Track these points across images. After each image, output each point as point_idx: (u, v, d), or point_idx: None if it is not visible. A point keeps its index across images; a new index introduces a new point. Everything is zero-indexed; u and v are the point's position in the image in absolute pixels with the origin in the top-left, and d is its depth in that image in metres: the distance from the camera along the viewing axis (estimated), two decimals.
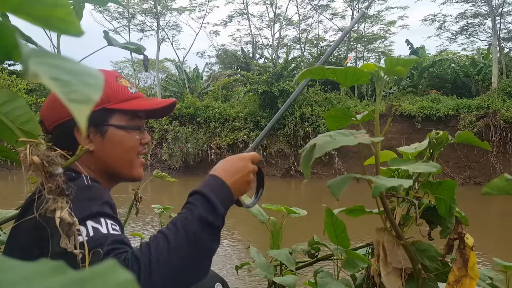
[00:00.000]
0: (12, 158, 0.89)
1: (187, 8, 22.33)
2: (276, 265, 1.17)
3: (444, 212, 0.82)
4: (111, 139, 0.85)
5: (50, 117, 0.85)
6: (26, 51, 0.30)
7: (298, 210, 1.27)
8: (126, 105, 0.86)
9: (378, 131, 0.80)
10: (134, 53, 1.09)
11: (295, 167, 15.33)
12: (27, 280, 0.19)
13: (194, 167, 16.16)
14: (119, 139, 0.86)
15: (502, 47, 17.29)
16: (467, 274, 0.78)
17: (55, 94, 0.94)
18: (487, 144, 0.90)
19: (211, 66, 26.34)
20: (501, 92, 14.23)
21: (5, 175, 16.27)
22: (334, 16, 22.43)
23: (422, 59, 18.67)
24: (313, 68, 0.75)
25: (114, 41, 1.15)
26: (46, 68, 0.29)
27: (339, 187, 0.65)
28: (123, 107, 0.86)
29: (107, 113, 0.85)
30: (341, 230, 0.96)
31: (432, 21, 20.31)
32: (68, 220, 0.51)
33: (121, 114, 0.86)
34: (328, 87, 18.03)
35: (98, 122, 0.84)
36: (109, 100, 0.84)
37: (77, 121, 0.27)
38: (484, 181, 12.98)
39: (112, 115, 0.85)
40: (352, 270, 1.00)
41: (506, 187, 0.69)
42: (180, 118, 16.61)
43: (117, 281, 0.19)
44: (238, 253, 5.65)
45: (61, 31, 0.35)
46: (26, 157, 0.53)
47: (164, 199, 9.70)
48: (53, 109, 0.85)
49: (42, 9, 0.33)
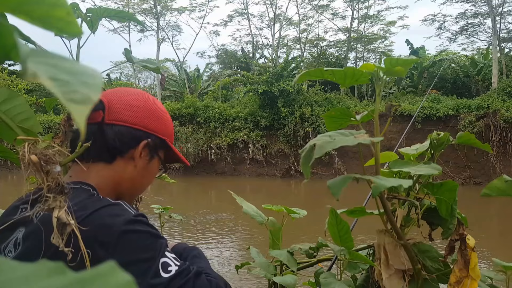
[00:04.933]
0: (12, 158, 0.88)
1: (187, 8, 22.35)
2: (276, 265, 1.17)
3: (445, 213, 0.82)
4: (151, 167, 0.89)
5: (126, 115, 0.83)
6: (25, 51, 0.30)
7: (298, 211, 1.27)
8: (174, 148, 0.93)
9: (378, 131, 0.80)
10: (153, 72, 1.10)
11: (295, 167, 15.34)
12: (26, 280, 0.19)
13: (194, 167, 16.17)
14: (153, 170, 0.90)
15: (502, 47, 17.30)
16: (469, 275, 0.78)
17: (148, 100, 0.88)
18: (488, 146, 0.90)
19: (211, 66, 26.37)
20: (501, 92, 14.24)
21: (5, 175, 16.27)
22: (334, 16, 22.43)
23: (422, 59, 18.69)
24: (312, 70, 0.75)
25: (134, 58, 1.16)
26: (45, 68, 0.29)
27: (339, 187, 0.65)
28: (174, 149, 0.93)
29: (163, 145, 0.90)
30: (345, 231, 0.95)
31: (432, 21, 20.34)
32: (64, 220, 0.51)
33: (168, 152, 0.93)
34: (328, 87, 18.04)
35: (154, 148, 0.87)
36: (168, 136, 0.91)
37: (76, 121, 0.27)
38: (484, 181, 13.00)
39: (163, 149, 0.91)
40: (353, 271, 1.00)
41: (506, 188, 0.69)
42: (180, 118, 16.62)
43: (117, 283, 0.19)
44: (238, 253, 5.65)
45: (60, 31, 0.35)
46: (25, 155, 0.53)
47: (164, 199, 9.70)
48: (139, 114, 0.85)
49: (42, 9, 0.33)
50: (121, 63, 1.63)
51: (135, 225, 0.70)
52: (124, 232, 0.68)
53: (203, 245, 6.05)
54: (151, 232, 0.72)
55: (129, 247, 0.68)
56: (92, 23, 1.11)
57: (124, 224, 0.69)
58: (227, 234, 6.74)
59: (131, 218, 0.71)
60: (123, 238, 0.68)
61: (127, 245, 0.68)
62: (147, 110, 0.86)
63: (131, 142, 0.83)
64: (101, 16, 1.12)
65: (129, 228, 0.69)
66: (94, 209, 0.70)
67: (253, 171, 16.00)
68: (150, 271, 0.68)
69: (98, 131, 0.80)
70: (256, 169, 16.01)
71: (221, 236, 6.62)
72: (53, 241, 0.52)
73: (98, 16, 1.10)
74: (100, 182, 0.80)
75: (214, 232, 6.87)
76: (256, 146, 15.77)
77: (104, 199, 0.74)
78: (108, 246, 0.66)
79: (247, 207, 1.23)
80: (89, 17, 1.11)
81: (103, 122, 0.81)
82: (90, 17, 1.10)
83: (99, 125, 0.81)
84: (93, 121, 0.81)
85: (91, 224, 0.67)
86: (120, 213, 0.71)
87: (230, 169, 16.19)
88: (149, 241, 0.71)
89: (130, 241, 0.68)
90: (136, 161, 0.85)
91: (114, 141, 0.81)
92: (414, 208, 0.88)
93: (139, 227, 0.71)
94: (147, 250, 0.69)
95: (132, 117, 0.83)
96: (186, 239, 6.34)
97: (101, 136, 0.80)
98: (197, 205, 9.78)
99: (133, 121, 0.83)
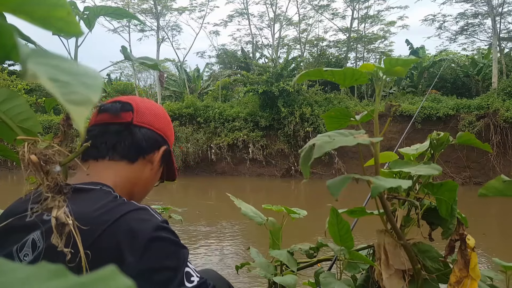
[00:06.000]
0: (12, 158, 0.88)
1: (187, 8, 22.34)
2: (276, 265, 1.17)
3: (445, 213, 0.82)
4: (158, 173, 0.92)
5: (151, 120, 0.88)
6: (25, 51, 0.30)
7: (298, 211, 1.27)
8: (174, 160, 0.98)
9: (378, 131, 0.79)
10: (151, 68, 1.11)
11: (295, 167, 15.33)
12: (26, 282, 0.19)
13: (194, 167, 16.16)
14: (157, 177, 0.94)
15: (502, 47, 17.29)
16: (469, 275, 0.78)
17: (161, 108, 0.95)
18: (488, 146, 0.90)
19: (211, 66, 26.36)
20: (501, 92, 14.23)
21: (5, 175, 16.27)
22: (334, 16, 22.43)
23: (422, 59, 18.68)
24: (311, 70, 0.75)
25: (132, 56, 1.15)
26: (44, 68, 0.29)
27: (338, 187, 0.65)
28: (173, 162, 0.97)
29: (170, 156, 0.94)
30: (346, 230, 0.95)
31: (432, 21, 20.33)
32: (62, 220, 0.51)
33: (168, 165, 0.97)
34: (328, 87, 18.04)
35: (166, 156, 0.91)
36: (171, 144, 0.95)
37: (75, 122, 0.27)
38: (484, 181, 12.93)
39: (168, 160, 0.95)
40: (353, 271, 1.00)
41: (503, 188, 0.69)
42: (180, 118, 16.61)
43: (118, 286, 0.19)
44: (238, 254, 5.65)
45: (60, 31, 0.35)
46: (24, 155, 0.52)
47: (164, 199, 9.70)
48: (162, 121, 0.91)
49: (42, 9, 0.32)
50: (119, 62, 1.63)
51: (162, 232, 0.70)
52: (152, 239, 0.68)
53: (203, 245, 6.05)
54: (176, 241, 0.72)
55: (156, 254, 0.68)
56: (89, 21, 1.11)
57: (153, 230, 0.69)
58: (227, 234, 6.74)
59: (158, 224, 0.71)
60: (151, 245, 0.67)
61: (154, 252, 0.67)
62: (166, 119, 0.92)
63: (155, 146, 0.88)
64: (99, 14, 1.11)
65: (157, 234, 0.69)
66: (122, 213, 0.69)
67: (253, 171, 16.00)
68: (175, 279, 0.68)
69: (126, 130, 0.84)
70: (256, 169, 16.01)
71: (221, 236, 6.62)
72: (53, 241, 0.52)
73: (95, 14, 1.10)
74: (117, 182, 0.81)
75: (214, 232, 6.87)
76: (256, 146, 15.76)
77: (130, 203, 0.74)
78: (135, 252, 0.66)
79: (246, 208, 1.23)
80: (86, 15, 1.11)
81: (132, 123, 0.84)
82: (87, 15, 1.10)
83: (128, 125, 0.84)
84: (123, 121, 0.84)
85: (119, 228, 0.67)
86: (147, 218, 0.71)
87: (230, 169, 16.19)
88: (175, 249, 0.71)
89: (157, 248, 0.68)
90: (154, 165, 0.89)
91: (141, 142, 0.85)
92: (414, 208, 0.88)
93: (166, 234, 0.71)
94: (173, 259, 0.70)
95: (156, 122, 0.88)
96: (186, 239, 6.34)
97: (130, 136, 0.84)
98: (197, 205, 9.79)
99: (157, 126, 0.88)
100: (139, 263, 0.65)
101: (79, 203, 0.70)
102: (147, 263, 0.66)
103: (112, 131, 0.83)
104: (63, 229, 0.51)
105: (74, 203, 0.69)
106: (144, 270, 0.65)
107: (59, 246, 0.52)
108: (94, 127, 0.84)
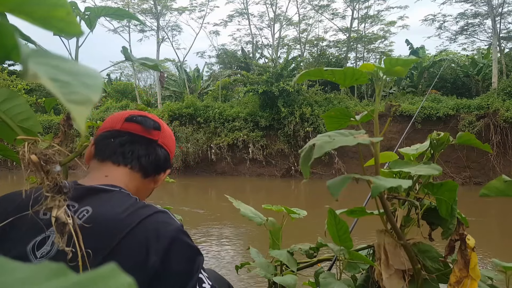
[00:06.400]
0: (13, 157, 0.88)
1: (187, 8, 22.34)
2: (276, 265, 1.17)
3: (445, 213, 0.82)
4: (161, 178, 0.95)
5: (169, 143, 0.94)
6: (25, 51, 0.30)
7: (298, 211, 1.27)
8: None
9: (378, 131, 0.80)
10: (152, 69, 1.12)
11: (295, 167, 15.33)
12: (27, 282, 0.19)
13: (194, 167, 16.16)
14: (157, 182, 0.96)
15: (502, 47, 17.29)
16: (469, 275, 0.78)
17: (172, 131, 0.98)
18: (488, 146, 0.90)
19: (211, 66, 26.36)
20: (501, 92, 14.22)
21: (5, 175, 16.27)
22: (334, 16, 22.42)
23: (422, 59, 18.68)
24: (311, 70, 0.75)
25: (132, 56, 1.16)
26: (45, 68, 0.29)
27: (338, 187, 0.65)
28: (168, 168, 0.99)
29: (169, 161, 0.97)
30: (344, 230, 0.95)
31: (432, 21, 20.32)
32: (63, 220, 0.51)
33: None
34: (328, 87, 18.04)
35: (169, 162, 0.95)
36: None
37: (76, 122, 0.27)
38: (484, 181, 12.98)
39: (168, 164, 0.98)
40: (353, 271, 1.00)
41: (505, 188, 0.69)
42: (180, 118, 16.60)
43: (118, 285, 0.19)
44: (238, 254, 5.65)
45: (60, 31, 0.35)
46: (25, 155, 0.53)
47: (164, 199, 9.70)
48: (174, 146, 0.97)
49: (42, 10, 0.32)
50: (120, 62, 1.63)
51: (183, 235, 0.73)
52: (174, 241, 0.71)
53: (203, 245, 6.05)
54: (194, 246, 0.75)
55: (176, 256, 0.70)
56: (90, 21, 1.11)
57: (175, 233, 0.72)
58: (227, 234, 6.74)
59: (179, 228, 0.74)
60: (171, 247, 0.70)
61: (174, 254, 0.70)
62: (174, 142, 0.98)
63: (166, 167, 0.93)
64: (100, 15, 1.12)
65: (179, 237, 0.72)
66: (147, 215, 0.72)
67: (253, 171, 15.99)
68: (189, 283, 0.70)
69: (153, 147, 0.88)
70: (256, 169, 16.01)
71: (221, 236, 6.62)
72: (55, 241, 0.52)
73: (96, 15, 1.10)
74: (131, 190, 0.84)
75: (214, 232, 6.87)
76: (256, 146, 15.76)
77: (151, 205, 0.77)
78: (158, 252, 0.68)
79: (245, 209, 1.23)
80: (87, 16, 1.11)
81: (157, 142, 0.90)
82: (88, 16, 1.10)
83: (155, 143, 0.89)
84: (152, 137, 0.89)
85: (145, 229, 0.70)
86: (169, 221, 0.74)
87: (230, 169, 16.18)
88: (193, 254, 0.73)
89: (177, 251, 0.71)
90: (157, 184, 0.93)
91: (160, 161, 0.90)
92: (414, 208, 0.88)
93: (186, 238, 0.74)
94: (190, 263, 0.72)
95: (171, 145, 0.94)
96: None
97: (155, 153, 0.88)
98: (197, 205, 9.78)
99: (171, 149, 0.94)
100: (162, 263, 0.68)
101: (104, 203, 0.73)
102: (167, 264, 0.68)
103: (142, 143, 0.87)
104: (64, 228, 0.51)
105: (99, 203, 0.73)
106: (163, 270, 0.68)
107: (60, 246, 0.52)
108: (123, 134, 0.87)
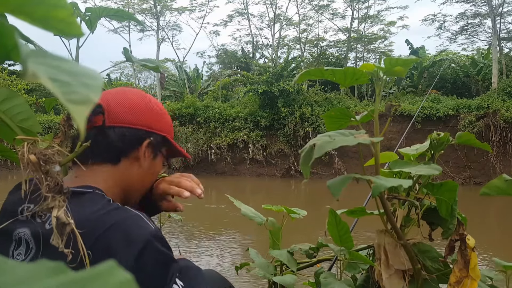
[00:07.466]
0: (12, 158, 0.88)
1: (187, 8, 22.35)
2: (276, 265, 1.17)
3: (445, 214, 0.82)
4: (155, 164, 0.90)
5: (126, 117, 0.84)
6: (25, 51, 0.30)
7: (298, 211, 1.27)
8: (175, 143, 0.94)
9: (378, 131, 0.80)
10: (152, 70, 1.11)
11: (295, 167, 15.33)
12: (26, 280, 0.19)
13: (194, 167, 16.16)
14: (157, 168, 0.92)
15: (502, 47, 17.29)
16: (469, 275, 0.78)
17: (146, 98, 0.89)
18: (488, 145, 0.90)
19: (211, 66, 26.36)
20: (501, 92, 14.22)
21: (5, 175, 16.27)
22: (334, 16, 22.42)
23: (422, 59, 18.67)
24: (312, 70, 0.75)
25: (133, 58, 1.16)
26: (45, 68, 0.29)
27: (338, 187, 0.65)
28: (175, 145, 0.93)
29: (165, 142, 0.91)
30: (345, 231, 0.95)
31: (432, 21, 20.34)
32: (63, 220, 0.51)
33: (170, 148, 0.94)
34: (328, 87, 18.03)
35: (157, 146, 0.88)
36: (169, 133, 0.92)
37: (76, 122, 0.27)
38: (484, 181, 12.98)
39: (166, 145, 0.92)
40: (353, 271, 1.00)
41: (506, 187, 0.69)
42: (180, 118, 16.61)
43: (117, 281, 0.19)
44: (238, 254, 5.65)
45: (61, 32, 0.35)
46: (24, 155, 0.52)
47: None
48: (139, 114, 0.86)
49: (43, 10, 0.33)
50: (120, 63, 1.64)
51: (156, 241, 0.70)
52: (147, 246, 0.68)
53: (203, 245, 6.05)
54: (168, 253, 0.72)
55: (148, 262, 0.68)
56: (91, 22, 1.11)
57: (148, 237, 0.69)
58: (227, 234, 6.74)
59: (153, 232, 0.71)
60: (144, 252, 0.68)
61: (146, 259, 0.68)
62: (146, 109, 0.87)
63: (134, 142, 0.84)
64: (100, 16, 1.12)
65: (151, 242, 0.69)
66: (118, 219, 0.70)
67: (253, 171, 15.99)
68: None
69: (100, 134, 0.81)
70: (256, 169, 16.01)
71: (221, 236, 6.62)
72: (53, 242, 0.52)
73: (97, 16, 1.10)
74: (107, 185, 0.81)
75: (214, 232, 6.87)
76: (256, 146, 15.76)
77: (125, 208, 0.74)
78: (130, 257, 0.66)
79: (245, 209, 1.23)
80: (88, 17, 1.11)
81: (104, 126, 0.82)
82: (89, 17, 1.10)
83: (100, 129, 0.81)
84: (95, 125, 0.81)
85: (115, 233, 0.67)
86: (143, 225, 0.71)
87: (230, 169, 16.18)
88: (166, 261, 0.71)
89: (150, 257, 0.68)
90: (141, 161, 0.86)
91: (117, 142, 0.82)
92: (414, 208, 0.88)
93: (159, 244, 0.71)
94: (162, 271, 0.70)
95: (132, 117, 0.84)
96: (186, 238, 6.35)
97: (104, 139, 0.81)
98: (197, 204, 9.79)
99: (134, 122, 0.84)
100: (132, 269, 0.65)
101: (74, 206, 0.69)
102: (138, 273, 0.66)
103: (91, 135, 0.80)
104: (64, 229, 0.51)
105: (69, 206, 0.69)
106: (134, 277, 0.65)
107: (60, 247, 0.52)
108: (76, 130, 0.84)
